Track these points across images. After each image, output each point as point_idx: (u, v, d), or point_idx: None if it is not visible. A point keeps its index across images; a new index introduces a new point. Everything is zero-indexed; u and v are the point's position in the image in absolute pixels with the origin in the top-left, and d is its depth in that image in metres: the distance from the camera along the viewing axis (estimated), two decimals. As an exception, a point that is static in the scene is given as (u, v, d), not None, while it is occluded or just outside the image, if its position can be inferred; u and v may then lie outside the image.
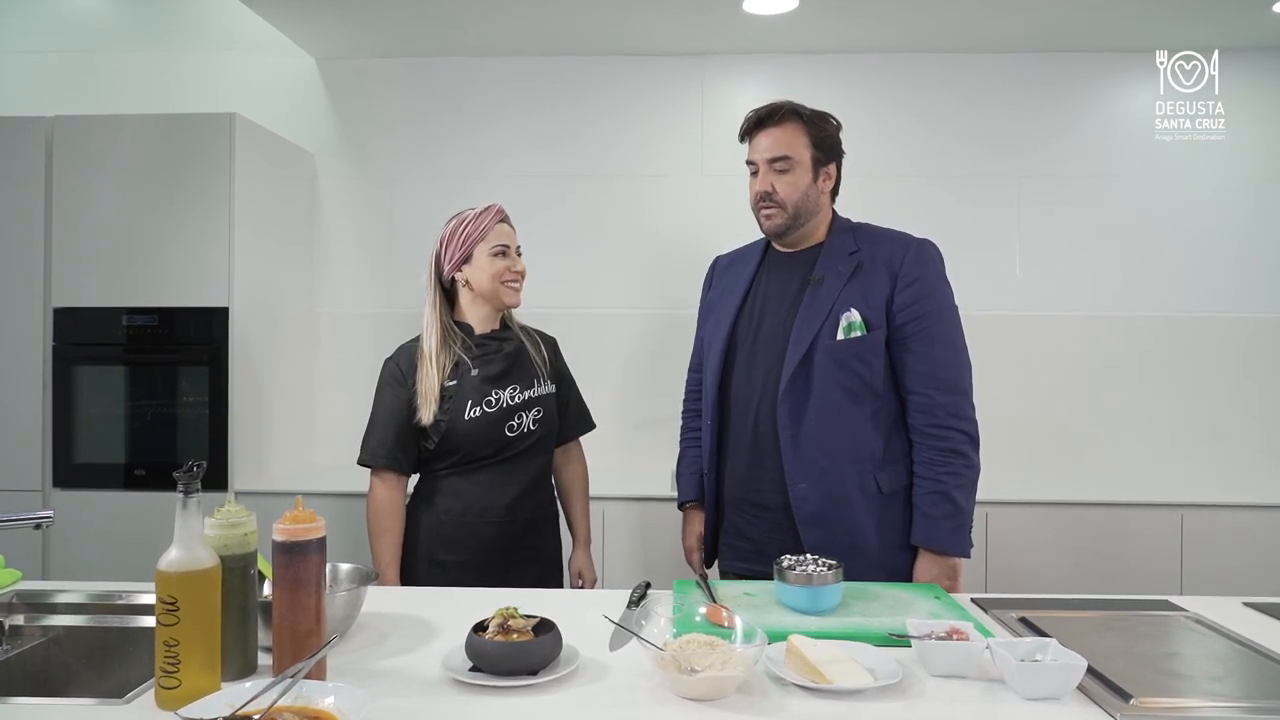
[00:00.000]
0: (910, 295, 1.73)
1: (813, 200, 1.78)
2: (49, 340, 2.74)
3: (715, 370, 1.82)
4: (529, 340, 1.98)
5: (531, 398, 1.90)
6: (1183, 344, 3.13)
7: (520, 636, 1.16)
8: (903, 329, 1.72)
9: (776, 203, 1.76)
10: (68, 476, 2.75)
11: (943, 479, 1.70)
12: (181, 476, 1.09)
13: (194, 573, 1.07)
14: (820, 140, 1.77)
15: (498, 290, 1.88)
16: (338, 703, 1.01)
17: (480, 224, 1.88)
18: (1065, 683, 1.11)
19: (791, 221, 1.77)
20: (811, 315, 1.72)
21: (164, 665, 1.06)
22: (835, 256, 1.77)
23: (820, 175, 1.78)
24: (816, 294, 1.74)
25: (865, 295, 1.72)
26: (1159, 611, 1.47)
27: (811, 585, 1.39)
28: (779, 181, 1.75)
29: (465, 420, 1.83)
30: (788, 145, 1.75)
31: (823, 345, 1.70)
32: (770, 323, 1.78)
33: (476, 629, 1.18)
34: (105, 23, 3.31)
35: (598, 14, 2.87)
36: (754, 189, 1.79)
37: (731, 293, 1.86)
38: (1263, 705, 1.10)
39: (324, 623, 1.16)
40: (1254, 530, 2.60)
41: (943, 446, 1.71)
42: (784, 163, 1.75)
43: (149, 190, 2.72)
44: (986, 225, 3.18)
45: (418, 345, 1.90)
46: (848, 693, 1.11)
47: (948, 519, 1.69)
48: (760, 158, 1.77)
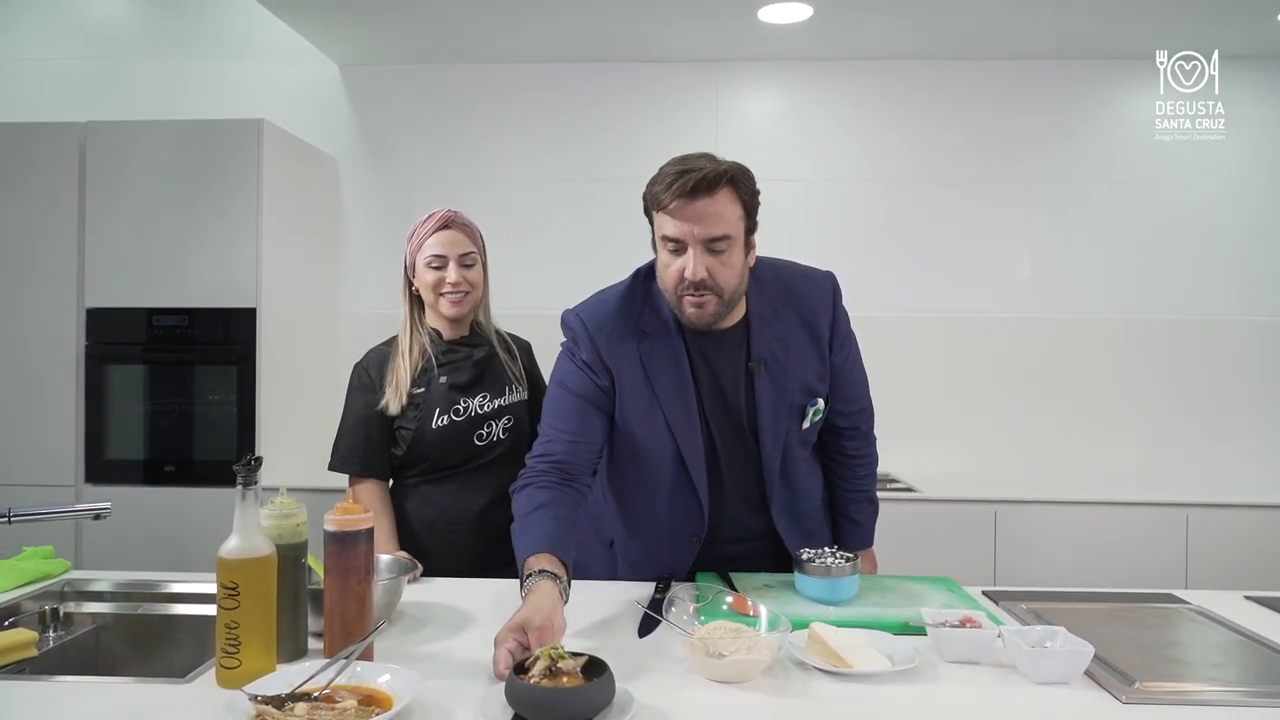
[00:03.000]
0: (841, 355, 1.63)
1: (744, 284, 1.51)
2: (82, 340, 2.82)
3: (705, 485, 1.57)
4: (502, 346, 1.93)
5: (502, 406, 1.86)
6: (1189, 346, 3.18)
7: (570, 680, 1.03)
8: (836, 383, 1.64)
9: (711, 289, 1.44)
10: (100, 472, 2.83)
11: (867, 488, 1.78)
12: (240, 469, 1.16)
13: (253, 560, 1.14)
14: (751, 208, 1.49)
15: (436, 301, 1.82)
16: (392, 682, 1.08)
17: (419, 234, 1.83)
18: (1073, 668, 1.17)
19: (725, 310, 1.48)
20: (773, 410, 1.55)
21: (225, 647, 1.13)
22: (769, 332, 1.56)
23: (750, 248, 1.51)
24: (764, 382, 1.55)
25: (808, 371, 1.58)
26: (1162, 604, 1.53)
27: (830, 576, 1.46)
28: (715, 265, 1.43)
29: (432, 429, 1.80)
30: (727, 222, 1.42)
31: (795, 437, 1.60)
32: (726, 423, 1.57)
33: (518, 670, 1.05)
34: (135, 31, 3.39)
35: (613, 21, 2.94)
36: (678, 271, 1.44)
37: (673, 388, 1.54)
38: (1260, 690, 1.16)
39: (371, 609, 1.22)
40: (1259, 529, 2.65)
41: (869, 463, 1.77)
42: (723, 242, 1.42)
43: (179, 194, 2.80)
44: (996, 229, 3.24)
45: (388, 347, 1.88)
46: (867, 676, 1.18)
47: (871, 518, 1.79)
48: (692, 235, 1.41)
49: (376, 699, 1.05)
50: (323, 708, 1.02)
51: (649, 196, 1.48)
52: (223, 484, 2.81)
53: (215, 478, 2.80)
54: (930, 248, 3.23)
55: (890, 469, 3.13)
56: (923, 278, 3.24)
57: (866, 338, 1.74)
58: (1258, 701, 1.13)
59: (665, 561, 1.62)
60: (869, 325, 3.11)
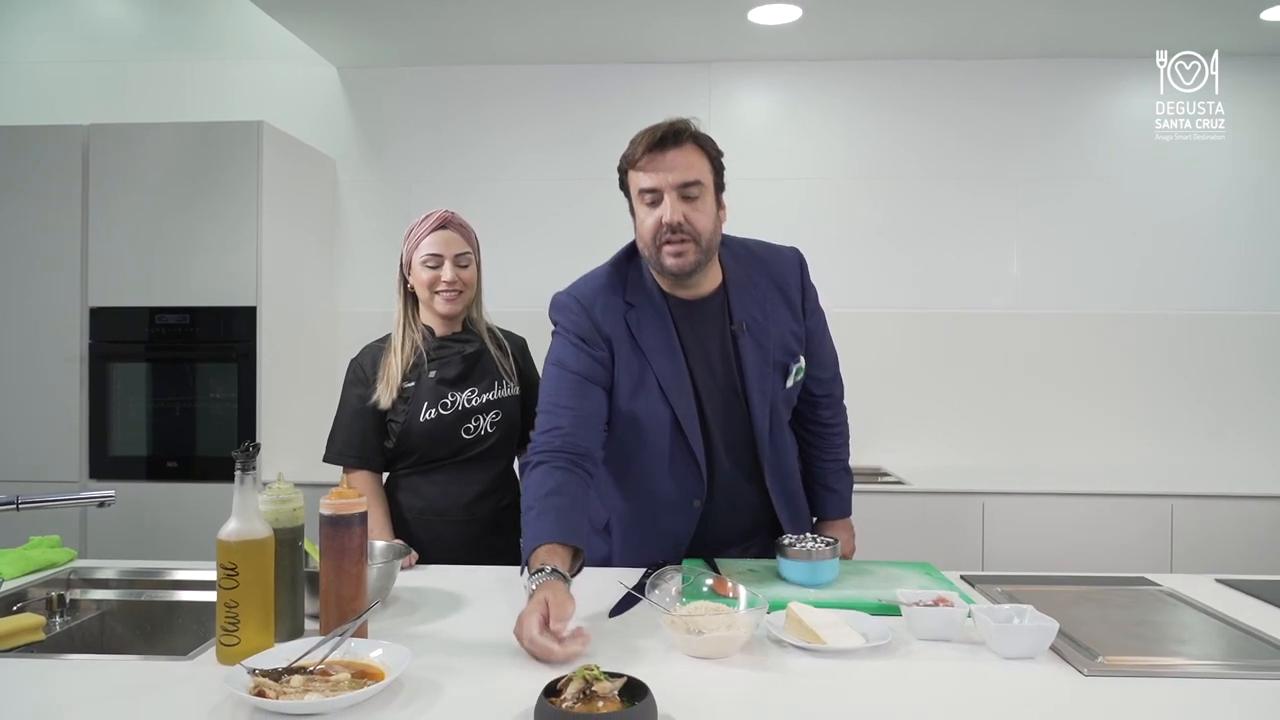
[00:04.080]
0: (813, 319, 1.72)
1: (718, 235, 1.59)
2: (85, 339, 2.88)
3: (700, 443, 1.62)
4: (493, 342, 1.97)
5: (490, 400, 1.90)
6: (1175, 340, 3.23)
7: (606, 705, 0.95)
8: (808, 344, 1.72)
9: (688, 235, 1.51)
10: (103, 468, 2.88)
11: (842, 457, 1.87)
12: (239, 455, 1.21)
13: (251, 542, 1.19)
14: (718, 166, 1.58)
15: (430, 300, 1.88)
16: (383, 656, 1.13)
17: (415, 234, 1.89)
18: (1039, 643, 1.21)
19: (703, 258, 1.54)
20: (757, 370, 1.62)
21: (225, 625, 1.18)
22: (746, 297, 1.64)
23: (720, 204, 1.59)
24: (748, 343, 1.62)
25: (785, 333, 1.66)
26: (1134, 586, 1.57)
27: (811, 560, 1.51)
28: (690, 210, 1.50)
29: (420, 422, 1.85)
30: (697, 170, 1.51)
31: (779, 396, 1.67)
32: (718, 385, 1.64)
33: (549, 693, 0.97)
34: (136, 34, 3.45)
35: (607, 23, 2.99)
36: (655, 220, 1.51)
37: (663, 354, 1.60)
38: (1222, 664, 1.21)
39: (365, 589, 1.27)
40: (1243, 519, 2.70)
41: (843, 431, 1.86)
42: (694, 188, 1.50)
43: (180, 195, 2.86)
44: (986, 225, 3.28)
45: (382, 344, 1.94)
46: (841, 652, 1.22)
47: (848, 488, 1.88)
48: (665, 184, 1.49)
49: (369, 673, 1.10)
50: (317, 680, 1.07)
51: (624, 160, 1.57)
52: (224, 479, 2.82)
53: (216, 473, 2.86)
54: (920, 244, 3.28)
55: (880, 462, 3.18)
56: (913, 274, 3.29)
57: (857, 333, 1.80)
58: (1216, 673, 1.17)
59: (669, 532, 1.66)
60: (860, 321, 3.20)
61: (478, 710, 1.04)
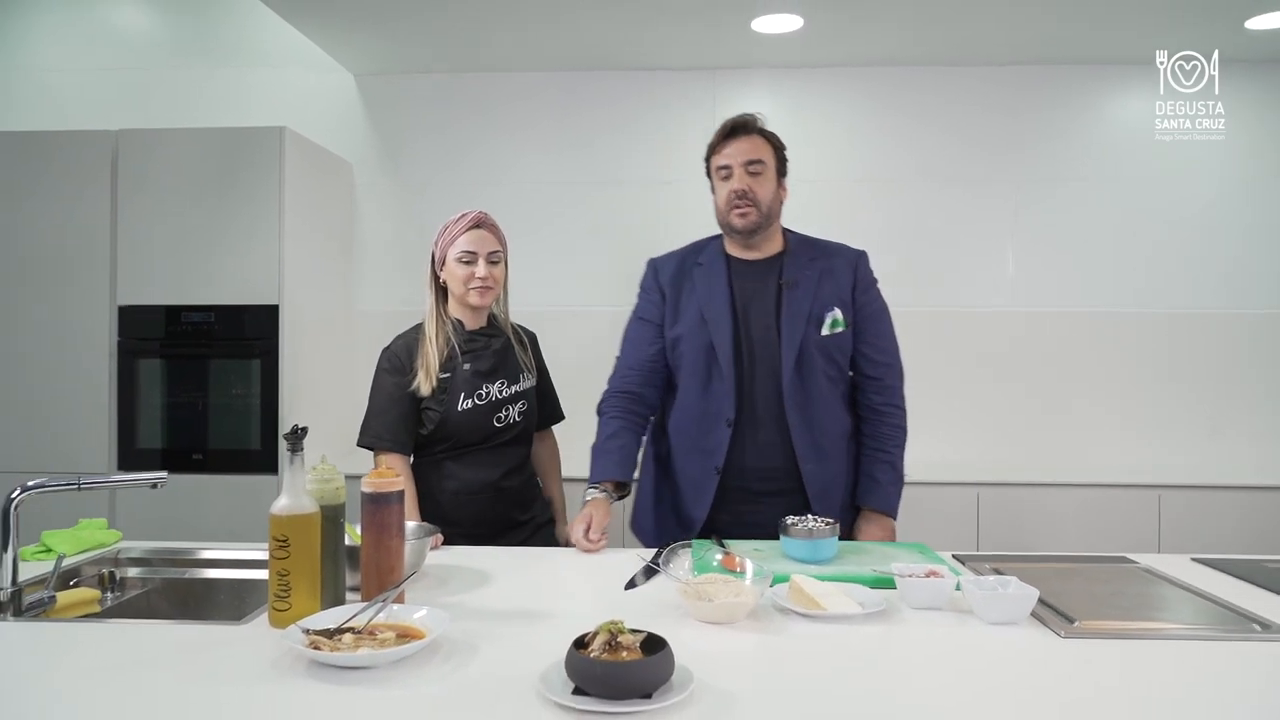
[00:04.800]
0: (866, 296, 1.99)
1: (777, 205, 1.97)
2: (114, 336, 2.99)
3: (731, 372, 1.91)
4: (515, 337, 2.12)
5: (517, 392, 2.06)
6: (1165, 338, 3.33)
7: (629, 655, 1.05)
8: (861, 323, 1.98)
9: (752, 201, 1.90)
10: (131, 460, 2.99)
11: (892, 451, 1.99)
12: (289, 438, 1.32)
13: (300, 516, 1.30)
14: (780, 155, 1.98)
15: (464, 294, 2.00)
16: (424, 618, 1.24)
17: (451, 231, 2.00)
18: (1020, 610, 1.33)
19: (763, 220, 1.92)
20: (795, 315, 1.92)
21: (277, 592, 1.29)
22: (799, 263, 1.97)
23: (780, 185, 1.98)
24: (794, 296, 1.93)
25: (836, 295, 1.95)
26: (1114, 564, 1.68)
27: (812, 538, 1.62)
28: (754, 183, 1.91)
29: (458, 411, 1.98)
30: (760, 151, 1.93)
31: (812, 340, 1.92)
32: (758, 325, 1.94)
33: (578, 645, 1.07)
34: (160, 42, 3.57)
35: (614, 31, 3.10)
36: (728, 189, 1.92)
37: (713, 298, 1.96)
38: (1190, 628, 1.32)
39: (403, 561, 1.39)
40: (1228, 508, 2.80)
41: (893, 422, 2.00)
42: (757, 165, 1.91)
43: (205, 198, 2.97)
44: (983, 227, 3.39)
45: (415, 334, 2.04)
46: (839, 618, 1.33)
47: (893, 484, 1.97)
48: (736, 161, 1.91)
49: (411, 633, 1.21)
50: (366, 639, 1.18)
51: (708, 148, 2.00)
52: (246, 471, 2.98)
53: (239, 464, 2.97)
54: (919, 245, 3.39)
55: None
56: (913, 274, 3.39)
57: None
58: (1184, 635, 1.28)
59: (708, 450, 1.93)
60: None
61: (512, 663, 1.15)
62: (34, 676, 1.14)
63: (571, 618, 1.33)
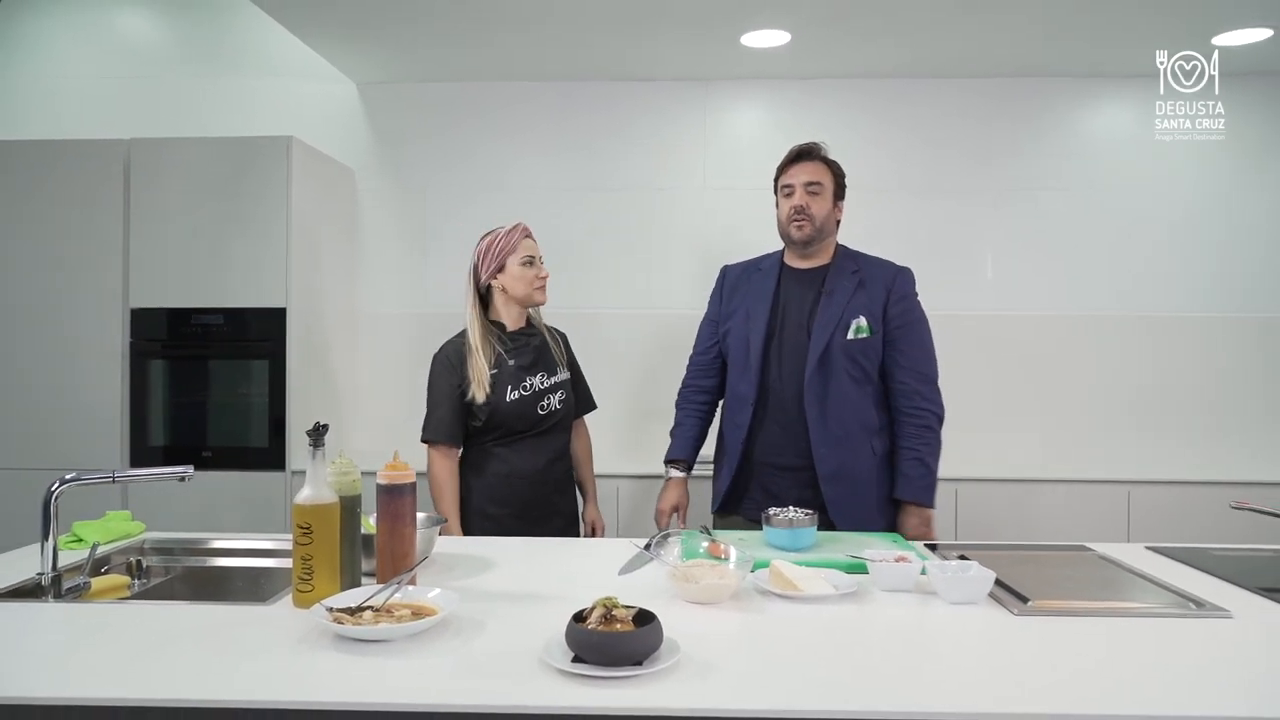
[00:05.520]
0: (899, 309, 2.23)
1: (831, 222, 2.26)
2: (127, 338, 3.10)
3: (757, 360, 2.22)
4: (549, 335, 2.40)
5: (555, 383, 2.32)
6: (1137, 340, 3.47)
7: (623, 626, 1.17)
8: (892, 333, 2.22)
9: (808, 216, 2.20)
10: (142, 458, 3.10)
11: (919, 449, 2.19)
12: (311, 434, 1.45)
13: (322, 506, 1.42)
14: (839, 180, 2.28)
15: (530, 294, 2.29)
16: (436, 598, 1.37)
17: (511, 240, 2.28)
18: (979, 591, 1.46)
19: (816, 234, 2.22)
20: (827, 319, 2.18)
21: (301, 574, 1.42)
22: (841, 274, 2.24)
23: (836, 205, 2.27)
24: (830, 302, 2.20)
25: (867, 306, 2.20)
26: (1071, 551, 1.82)
27: (792, 528, 1.75)
28: (811, 201, 2.21)
29: (507, 402, 2.23)
30: (820, 175, 2.23)
31: (837, 342, 2.17)
32: (793, 324, 2.23)
33: (577, 619, 1.19)
34: (167, 52, 3.67)
35: (611, 43, 3.21)
36: (789, 205, 2.23)
37: (759, 298, 2.28)
38: (1130, 607, 1.45)
39: (415, 547, 1.51)
40: (1192, 503, 2.94)
41: (919, 423, 2.20)
42: (816, 186, 2.22)
43: (215, 204, 3.08)
44: (964, 233, 3.52)
45: (463, 340, 2.28)
46: (815, 598, 1.46)
47: (922, 479, 2.18)
48: (798, 181, 2.22)
49: (425, 610, 1.34)
50: (384, 615, 1.30)
51: (777, 170, 2.31)
52: (254, 468, 3.09)
53: (247, 462, 3.08)
54: (904, 251, 3.48)
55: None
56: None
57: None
58: (1128, 613, 1.42)
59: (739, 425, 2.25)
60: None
61: (516, 637, 1.28)
62: (84, 651, 1.26)
63: (570, 599, 1.45)
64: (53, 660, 1.23)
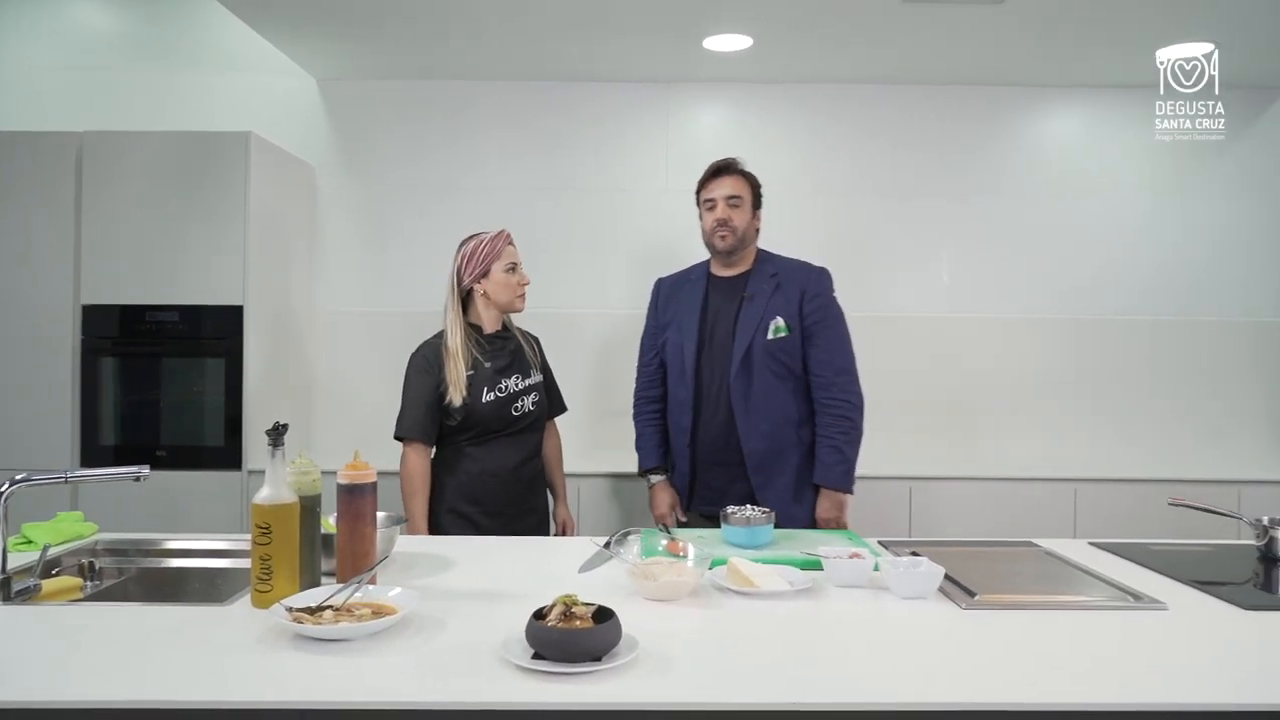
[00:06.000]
0: (813, 306, 2.38)
1: (751, 230, 2.44)
2: (78, 335, 3.04)
3: (692, 368, 2.39)
4: (523, 338, 2.45)
5: (529, 385, 2.36)
6: (1084, 341, 3.57)
7: (582, 623, 1.19)
8: (808, 329, 2.37)
9: (730, 228, 2.38)
10: (94, 457, 3.04)
11: (835, 437, 2.35)
12: (270, 434, 1.44)
13: (281, 506, 1.42)
14: (756, 191, 2.47)
15: (512, 300, 2.35)
16: (396, 597, 1.37)
17: (496, 246, 2.33)
18: (929, 585, 1.50)
19: (738, 244, 2.40)
20: (748, 322, 2.36)
21: (260, 575, 1.41)
22: (761, 279, 2.41)
23: (755, 214, 2.45)
24: (750, 306, 2.37)
25: (785, 306, 2.36)
26: (1018, 547, 1.87)
27: (749, 525, 1.78)
28: (733, 213, 2.39)
29: (482, 403, 2.27)
30: (739, 188, 2.41)
31: (759, 343, 2.35)
32: (721, 330, 2.40)
33: (537, 616, 1.21)
34: (123, 45, 3.60)
35: (575, 44, 3.22)
36: (711, 219, 2.41)
37: (690, 308, 2.45)
38: (1072, 600, 1.50)
39: (375, 546, 1.51)
40: (1137, 499, 3.04)
41: (836, 413, 2.36)
42: (736, 200, 2.40)
43: (171, 200, 3.03)
44: (921, 237, 3.60)
45: (440, 341, 2.30)
46: (771, 594, 1.50)
47: (839, 465, 2.34)
48: (719, 195, 2.40)
49: (385, 609, 1.34)
50: (344, 615, 1.31)
51: (698, 184, 2.48)
52: (209, 467, 3.05)
53: (202, 461, 3.04)
54: (863, 252, 3.58)
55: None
56: (857, 280, 3.57)
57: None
58: (1070, 606, 1.47)
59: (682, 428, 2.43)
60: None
61: (477, 635, 1.29)
62: (35, 655, 1.25)
63: (529, 597, 1.46)
64: (2, 664, 1.22)
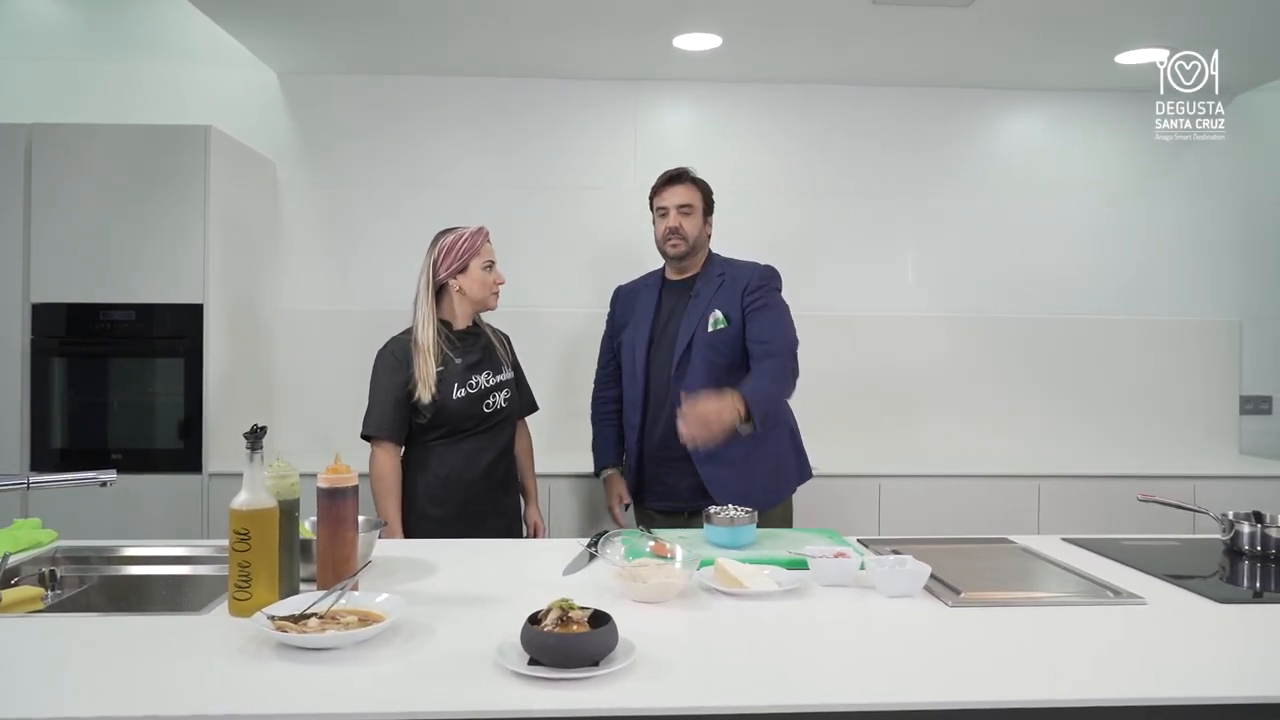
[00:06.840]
0: (753, 296, 2.42)
1: (703, 237, 2.51)
2: (27, 334, 2.92)
3: (642, 367, 2.46)
4: (494, 336, 2.43)
5: (500, 381, 2.34)
6: (1044, 341, 3.65)
7: (579, 628, 1.16)
8: (747, 317, 2.41)
9: (682, 235, 2.45)
10: (45, 461, 2.93)
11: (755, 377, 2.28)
12: (249, 437, 1.40)
13: (260, 511, 1.38)
14: (707, 199, 2.53)
15: (486, 298, 2.33)
16: (384, 603, 1.34)
17: (475, 242, 2.30)
18: (915, 584, 1.51)
19: (690, 250, 2.47)
20: (690, 319, 2.43)
21: (238, 582, 1.37)
22: (708, 279, 2.48)
23: (706, 221, 2.52)
24: (695, 303, 2.45)
25: (726, 301, 2.42)
26: (995, 544, 1.90)
27: (733, 525, 1.78)
28: (684, 221, 2.45)
29: (453, 400, 2.23)
30: (690, 197, 2.47)
31: (699, 338, 2.40)
32: (670, 329, 2.47)
33: (532, 621, 1.18)
34: (79, 34, 3.47)
35: (541, 41, 3.19)
36: (664, 226, 2.47)
37: (645, 312, 2.53)
38: (1054, 597, 1.53)
39: (357, 551, 1.48)
40: (1098, 495, 3.11)
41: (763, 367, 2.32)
42: (687, 208, 2.46)
43: (127, 195, 2.93)
44: (886, 235, 3.64)
45: (409, 337, 2.25)
46: (759, 595, 1.49)
47: (745, 386, 2.19)
48: (671, 204, 2.46)
49: (372, 616, 1.31)
50: (329, 623, 1.27)
51: (651, 192, 2.54)
52: (169, 470, 2.96)
53: (161, 464, 2.95)
54: (830, 251, 3.61)
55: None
56: (823, 279, 3.61)
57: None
58: (1051, 603, 1.49)
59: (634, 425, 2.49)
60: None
61: (469, 640, 1.26)
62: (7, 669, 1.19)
63: (517, 600, 1.44)
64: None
